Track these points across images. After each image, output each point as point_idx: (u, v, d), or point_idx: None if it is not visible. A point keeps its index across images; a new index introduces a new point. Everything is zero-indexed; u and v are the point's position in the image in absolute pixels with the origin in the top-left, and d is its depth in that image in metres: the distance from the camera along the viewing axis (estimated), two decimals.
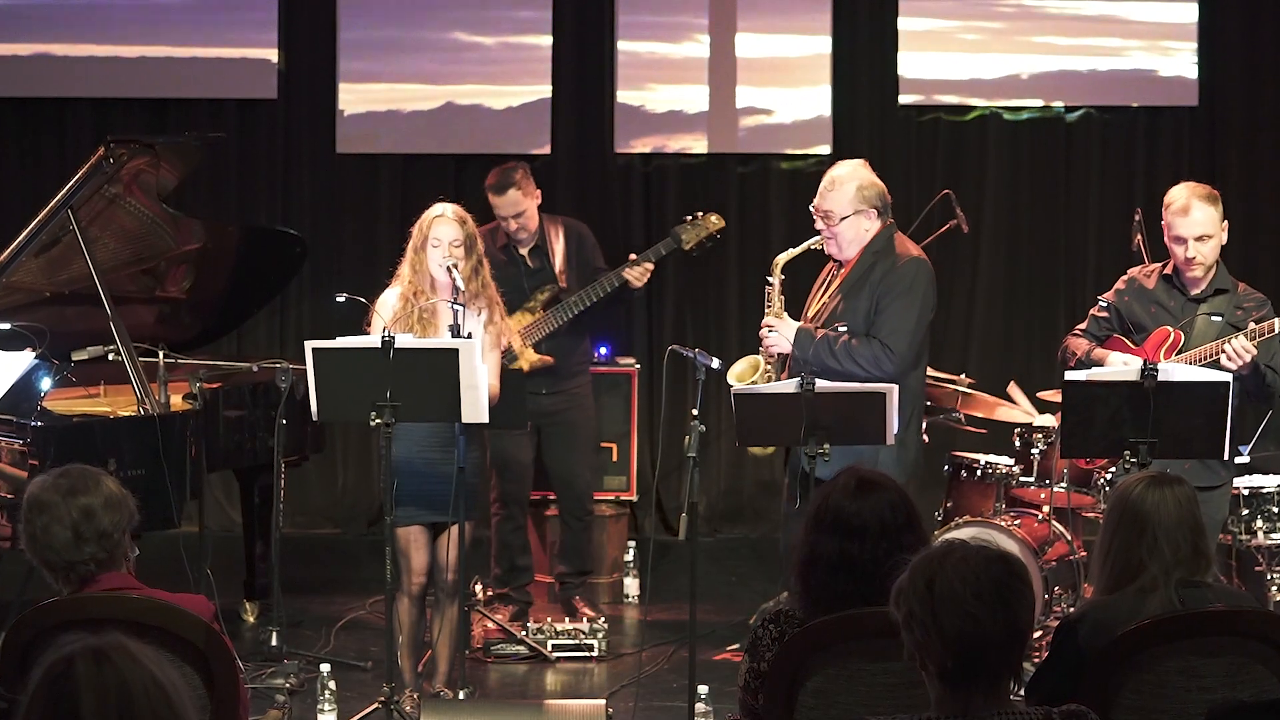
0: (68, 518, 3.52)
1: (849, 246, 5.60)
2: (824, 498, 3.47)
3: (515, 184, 6.67)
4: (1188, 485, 3.64)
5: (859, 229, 5.57)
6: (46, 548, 3.55)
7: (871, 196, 5.59)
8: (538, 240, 6.80)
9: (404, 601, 5.57)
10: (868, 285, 5.54)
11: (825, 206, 5.61)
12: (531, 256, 6.79)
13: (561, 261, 6.80)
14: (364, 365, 5.19)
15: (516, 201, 6.68)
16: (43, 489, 3.58)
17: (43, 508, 3.54)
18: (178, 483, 5.78)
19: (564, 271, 6.79)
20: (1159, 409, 4.88)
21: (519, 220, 6.70)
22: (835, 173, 5.67)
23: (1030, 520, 6.44)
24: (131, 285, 6.62)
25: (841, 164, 5.75)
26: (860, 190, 5.58)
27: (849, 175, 5.63)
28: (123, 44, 8.76)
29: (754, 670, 3.49)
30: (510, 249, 6.78)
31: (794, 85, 8.74)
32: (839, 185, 5.60)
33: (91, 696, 2.23)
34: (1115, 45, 8.70)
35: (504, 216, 6.71)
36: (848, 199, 5.57)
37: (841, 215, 5.57)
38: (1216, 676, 3.44)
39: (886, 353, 5.46)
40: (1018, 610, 2.66)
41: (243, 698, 3.59)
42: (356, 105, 8.80)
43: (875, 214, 5.58)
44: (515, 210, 6.69)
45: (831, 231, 5.59)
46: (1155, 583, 3.51)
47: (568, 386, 6.85)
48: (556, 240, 6.82)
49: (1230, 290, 5.55)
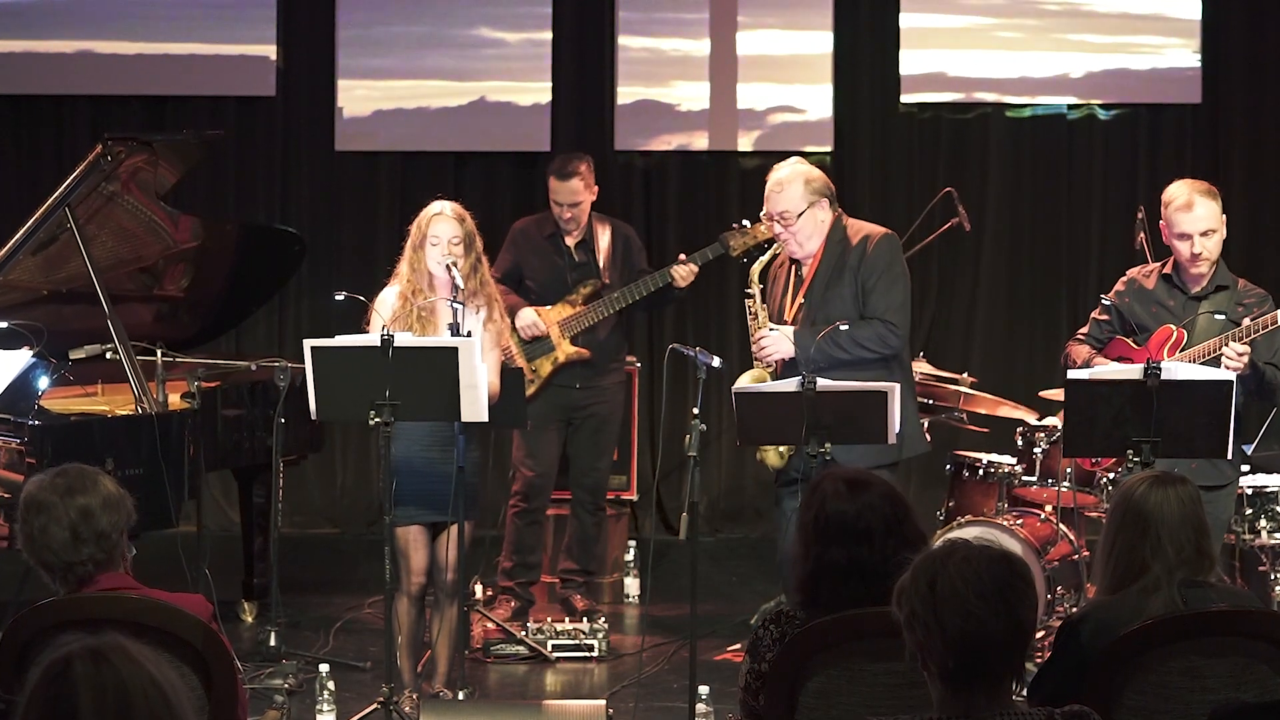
0: (65, 518, 3.50)
1: (809, 241, 5.66)
2: (818, 507, 3.45)
3: (579, 174, 6.73)
4: (1191, 485, 3.62)
5: (815, 221, 5.65)
6: (44, 548, 3.53)
7: (819, 187, 5.68)
8: (585, 235, 6.82)
9: (403, 601, 5.54)
10: (846, 271, 5.61)
11: (779, 209, 5.67)
12: (577, 250, 6.83)
13: (606, 259, 6.84)
14: (363, 364, 5.16)
15: (576, 191, 6.73)
16: (40, 489, 3.55)
17: (40, 508, 3.52)
18: (176, 482, 5.78)
19: (608, 268, 6.82)
20: (1162, 408, 4.86)
21: (574, 210, 6.75)
22: (778, 175, 5.73)
23: (1033, 520, 6.42)
24: (129, 283, 6.60)
25: (780, 165, 5.80)
26: (808, 184, 5.66)
27: (793, 173, 5.70)
28: (121, 41, 8.74)
29: (755, 671, 3.48)
30: (557, 239, 6.81)
31: (795, 82, 8.73)
32: (786, 185, 5.67)
33: (89, 697, 2.22)
34: (1118, 42, 8.69)
35: (559, 203, 6.74)
36: (799, 195, 5.64)
37: (798, 212, 5.63)
38: (1220, 677, 3.42)
39: (889, 328, 5.54)
40: (1020, 611, 2.65)
41: (241, 698, 3.56)
42: (355, 103, 8.79)
43: (826, 203, 5.67)
44: (574, 199, 6.73)
45: (790, 231, 5.65)
46: (1158, 583, 3.49)
47: (601, 382, 6.87)
48: (603, 238, 6.86)
49: (1231, 286, 5.54)
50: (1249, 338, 5.28)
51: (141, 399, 5.85)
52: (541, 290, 6.80)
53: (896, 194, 8.74)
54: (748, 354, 8.39)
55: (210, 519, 7.64)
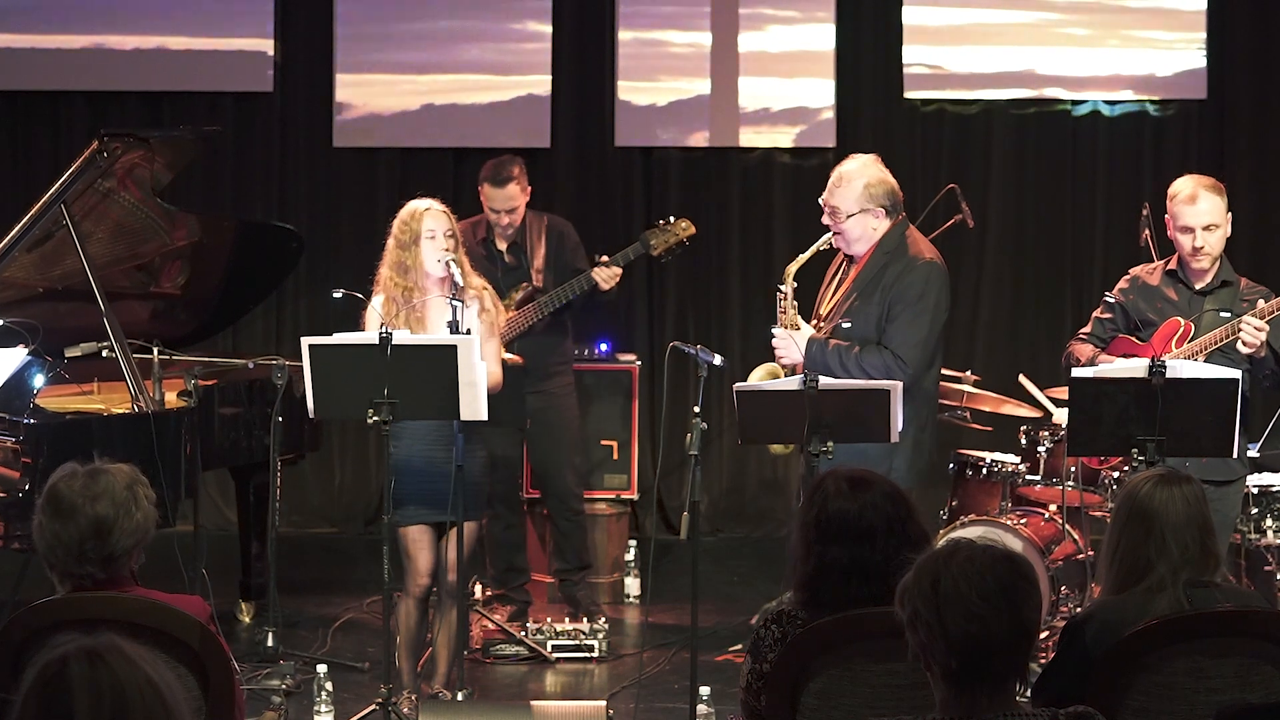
0: (78, 530, 3.43)
1: (856, 244, 5.56)
2: (820, 506, 3.43)
3: (514, 178, 6.64)
4: (1196, 484, 3.60)
5: (865, 227, 5.53)
6: (50, 548, 3.48)
7: (879, 195, 5.54)
8: (517, 237, 6.74)
9: (407, 603, 5.52)
10: (880, 289, 5.49)
11: (832, 202, 5.57)
12: (509, 253, 6.74)
13: (540, 260, 6.75)
14: (361, 362, 5.13)
15: (513, 196, 6.65)
16: (68, 486, 3.47)
17: (58, 510, 3.45)
18: (172, 481, 5.76)
19: (541, 270, 6.74)
20: (1167, 406, 4.83)
21: (510, 215, 6.67)
22: (844, 168, 5.62)
23: (1037, 519, 6.40)
24: (125, 281, 6.59)
25: (852, 159, 5.69)
26: (868, 188, 5.53)
27: (857, 172, 5.58)
28: (118, 36, 8.71)
29: (756, 671, 3.47)
30: (489, 244, 6.72)
31: (797, 78, 8.69)
32: (846, 182, 5.55)
33: (85, 698, 2.21)
34: (1123, 37, 8.65)
35: (497, 210, 6.66)
36: (854, 197, 5.53)
37: (848, 213, 5.53)
38: (1225, 678, 3.41)
39: (899, 363, 5.42)
40: (1024, 611, 2.64)
41: (238, 699, 3.55)
42: (354, 99, 8.76)
43: (883, 213, 5.54)
44: (510, 205, 6.65)
45: (838, 228, 5.55)
46: (1163, 583, 3.48)
47: (547, 386, 6.80)
48: (539, 238, 6.76)
49: (1234, 283, 5.53)
50: (1268, 317, 5.23)
51: (138, 397, 5.84)
52: None
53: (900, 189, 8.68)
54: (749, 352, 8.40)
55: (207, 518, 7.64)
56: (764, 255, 8.65)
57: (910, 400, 5.33)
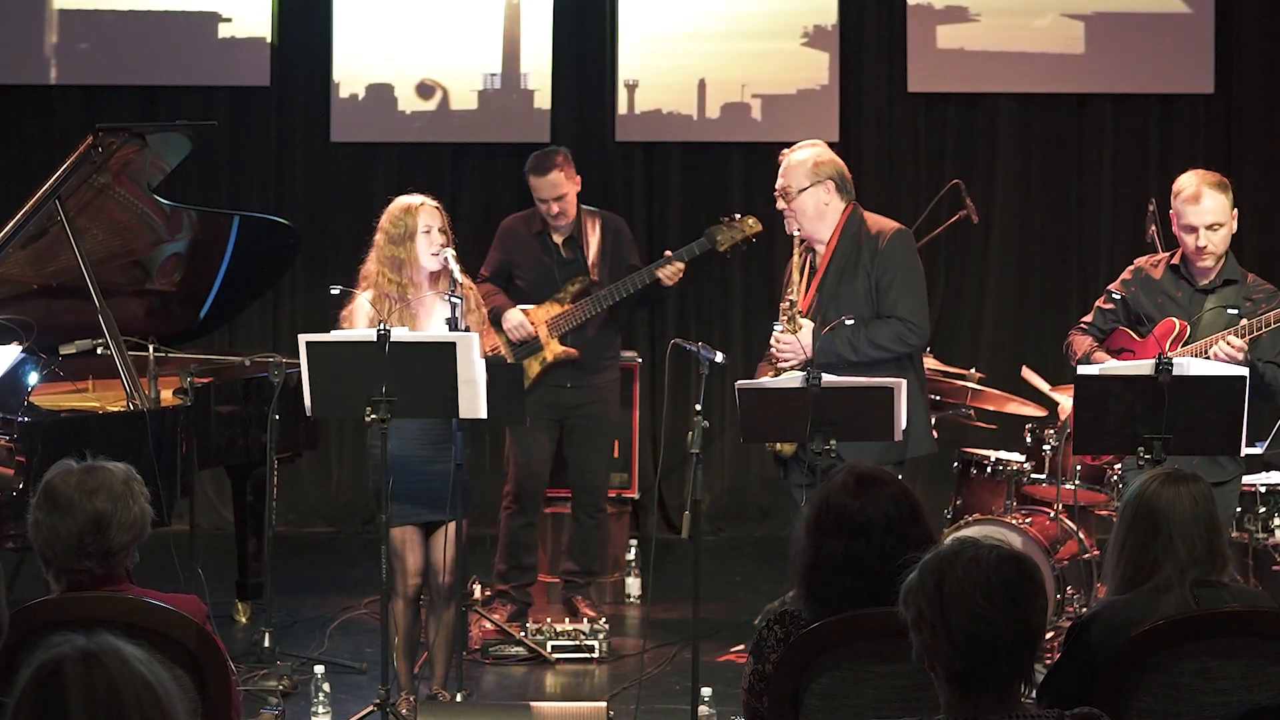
0: (76, 525, 3.42)
1: (811, 222, 5.64)
2: (824, 498, 3.44)
3: (557, 166, 6.64)
4: (1204, 483, 3.59)
5: (818, 201, 5.64)
6: (48, 544, 3.46)
7: (827, 171, 5.66)
8: (573, 231, 6.74)
9: (398, 604, 5.49)
10: (859, 267, 5.58)
11: (783, 184, 5.70)
12: (565, 246, 6.74)
13: (595, 255, 6.73)
14: (359, 359, 5.10)
15: (558, 184, 6.63)
16: (64, 482, 3.46)
17: (55, 505, 3.44)
18: (168, 480, 5.75)
19: (597, 265, 6.73)
20: (1174, 404, 4.81)
21: (560, 204, 6.65)
22: (791, 151, 5.78)
23: (1042, 518, 6.39)
24: (121, 277, 6.57)
25: (798, 145, 5.83)
26: (816, 165, 5.67)
27: (804, 152, 5.74)
28: (112, 30, 8.64)
29: (758, 672, 3.45)
30: (544, 236, 6.73)
31: (800, 71, 8.64)
32: (794, 162, 5.70)
33: (80, 699, 2.19)
34: (1129, 29, 8.61)
35: (544, 199, 6.65)
36: (803, 172, 5.66)
37: (799, 188, 5.63)
38: (1232, 678, 3.39)
39: (909, 326, 5.53)
40: (1029, 612, 2.63)
41: (235, 700, 3.53)
42: (352, 93, 8.70)
43: (833, 186, 5.65)
44: (556, 193, 6.63)
45: (792, 208, 5.66)
46: (1170, 583, 3.47)
47: (593, 380, 6.79)
48: (593, 233, 6.77)
49: (1239, 281, 5.50)
50: (1251, 335, 5.21)
51: (133, 395, 5.81)
52: (530, 288, 6.73)
53: (903, 184, 8.69)
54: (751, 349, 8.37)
55: (203, 518, 7.68)
56: (766, 249, 8.60)
57: (911, 369, 5.50)
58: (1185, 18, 8.60)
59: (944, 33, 8.65)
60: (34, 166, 8.03)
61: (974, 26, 8.66)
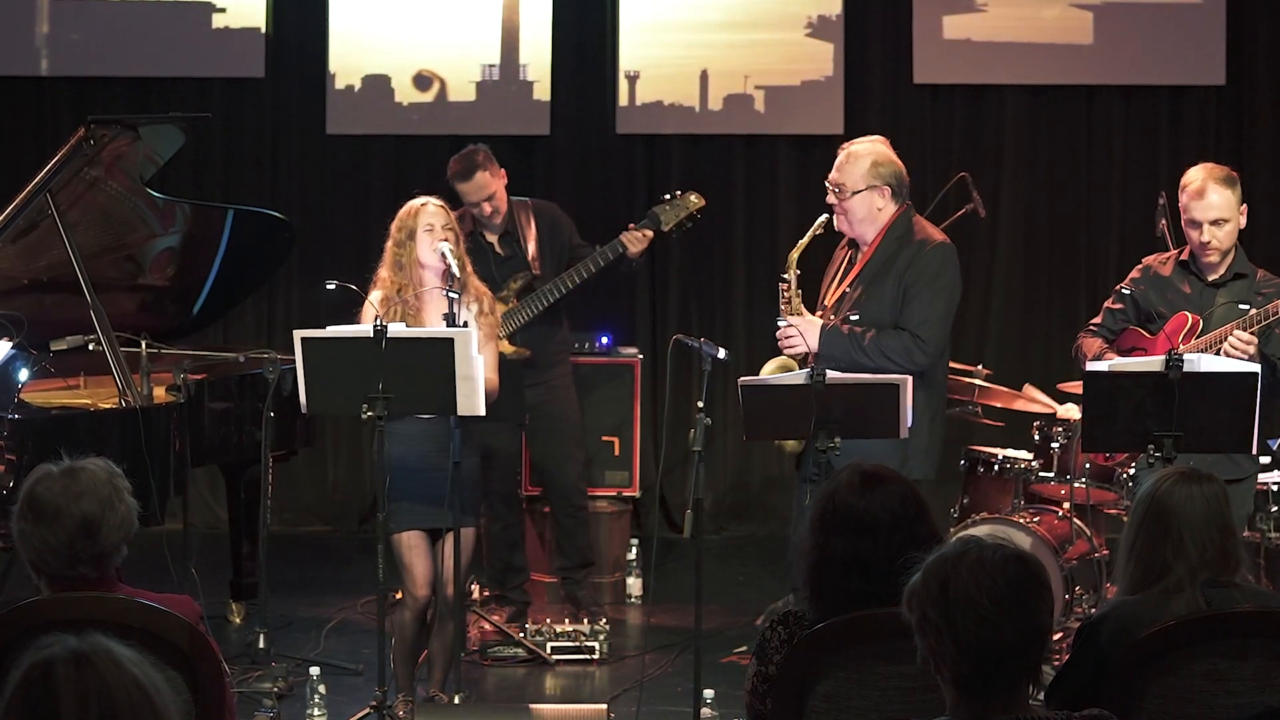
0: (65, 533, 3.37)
1: (859, 224, 5.52)
2: (829, 497, 3.41)
3: (480, 165, 6.54)
4: (1218, 483, 3.57)
5: (870, 205, 5.50)
6: (39, 555, 3.41)
7: (886, 174, 5.52)
8: (507, 226, 6.65)
9: (404, 615, 5.47)
10: (893, 272, 5.46)
11: (838, 179, 5.56)
12: (501, 244, 6.65)
13: (534, 248, 6.66)
14: (355, 355, 5.05)
15: (485, 184, 6.54)
16: (48, 489, 3.40)
17: (41, 514, 3.38)
18: (161, 478, 5.72)
19: (537, 258, 6.65)
20: (1184, 401, 4.76)
21: (491, 203, 6.57)
22: (852, 147, 5.62)
23: (1050, 517, 6.37)
24: (113, 272, 6.54)
25: (860, 139, 5.69)
26: (875, 166, 5.51)
27: (865, 150, 5.58)
28: (105, 20, 8.58)
29: (762, 674, 3.43)
30: (477, 237, 6.60)
31: (804, 62, 8.59)
32: (854, 159, 5.55)
33: (71, 701, 2.19)
34: (1138, 20, 8.58)
35: (474, 202, 6.57)
36: (861, 173, 5.51)
37: (854, 189, 5.50)
38: (1244, 680, 3.37)
39: (918, 343, 5.38)
40: (1036, 614, 2.61)
41: (229, 702, 3.52)
42: (347, 84, 8.68)
43: (889, 192, 5.51)
44: (485, 193, 6.55)
45: (842, 206, 5.53)
46: (1181, 583, 3.45)
47: (547, 377, 6.73)
48: (528, 225, 6.69)
49: (1250, 275, 5.46)
50: (1256, 326, 5.14)
51: (125, 392, 5.79)
52: None
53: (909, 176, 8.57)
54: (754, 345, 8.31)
55: (197, 516, 7.68)
56: (769, 243, 8.61)
57: (923, 387, 5.33)
58: (1196, 8, 8.56)
59: (950, 23, 8.62)
60: (25, 159, 7.98)
61: (981, 16, 8.63)
